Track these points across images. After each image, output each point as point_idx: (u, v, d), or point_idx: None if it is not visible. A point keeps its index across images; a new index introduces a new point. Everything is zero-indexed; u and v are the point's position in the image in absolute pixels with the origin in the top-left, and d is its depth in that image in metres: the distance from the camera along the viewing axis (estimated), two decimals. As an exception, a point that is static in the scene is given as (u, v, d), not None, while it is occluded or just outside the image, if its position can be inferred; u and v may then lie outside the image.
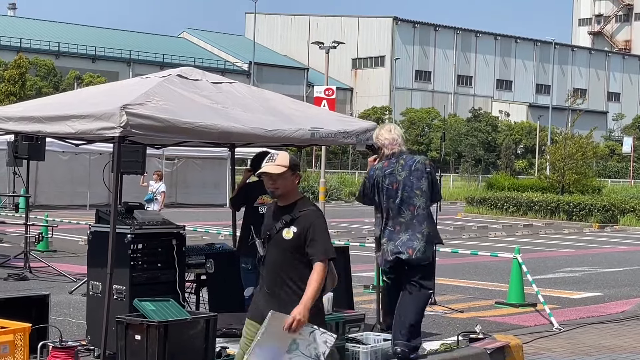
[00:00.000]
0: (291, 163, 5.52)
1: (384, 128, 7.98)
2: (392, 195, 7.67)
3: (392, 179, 7.69)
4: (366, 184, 7.82)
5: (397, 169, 7.73)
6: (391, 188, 7.68)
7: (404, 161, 7.77)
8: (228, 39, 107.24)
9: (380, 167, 7.76)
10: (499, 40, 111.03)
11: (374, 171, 7.79)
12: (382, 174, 7.72)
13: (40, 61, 76.13)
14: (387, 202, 7.70)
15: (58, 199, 33.41)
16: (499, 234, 27.12)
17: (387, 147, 7.76)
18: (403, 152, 7.81)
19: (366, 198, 7.84)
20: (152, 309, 6.74)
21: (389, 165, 7.74)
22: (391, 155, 7.76)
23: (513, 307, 12.12)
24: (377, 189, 7.73)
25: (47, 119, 7.65)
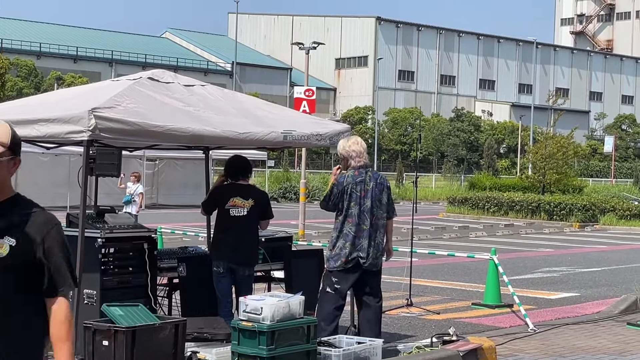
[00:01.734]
0: (12, 141, 3.52)
1: (352, 140, 8.41)
2: (359, 202, 8.20)
3: (362, 187, 8.22)
4: (334, 191, 8.21)
5: (367, 179, 8.27)
6: (360, 195, 8.20)
7: (371, 174, 8.36)
8: (211, 39, 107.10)
9: (352, 175, 8.23)
10: (481, 40, 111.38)
11: (344, 178, 8.22)
12: (354, 182, 8.21)
13: (21, 61, 75.80)
14: (353, 208, 8.19)
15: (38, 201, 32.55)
16: (480, 234, 27.17)
17: (355, 159, 8.26)
18: (368, 165, 8.40)
19: (330, 204, 8.26)
20: (121, 314, 6.70)
21: (359, 174, 8.26)
22: (359, 166, 8.27)
23: (489, 308, 12.13)
24: (346, 195, 8.17)
25: (15, 123, 7.56)
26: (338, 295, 8.32)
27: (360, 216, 8.15)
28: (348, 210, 8.17)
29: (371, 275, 8.35)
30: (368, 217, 8.17)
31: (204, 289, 8.79)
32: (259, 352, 7.11)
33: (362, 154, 8.28)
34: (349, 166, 8.25)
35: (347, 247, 8.21)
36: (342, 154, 8.30)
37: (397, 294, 13.03)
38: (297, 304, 7.51)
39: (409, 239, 12.80)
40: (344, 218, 8.18)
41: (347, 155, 8.25)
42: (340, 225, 8.21)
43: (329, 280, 8.33)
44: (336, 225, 8.26)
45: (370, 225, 8.19)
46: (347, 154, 8.24)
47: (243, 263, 8.75)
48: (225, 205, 8.63)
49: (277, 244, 9.65)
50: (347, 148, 8.27)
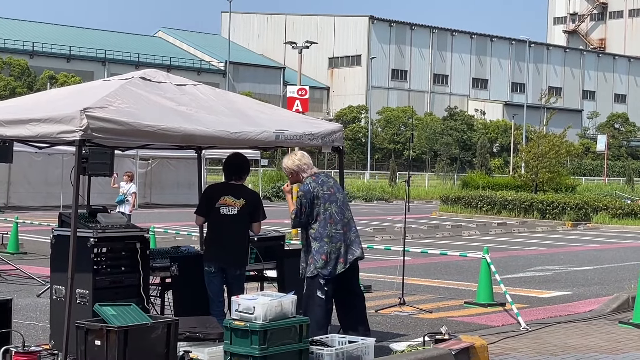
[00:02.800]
0: None
1: (298, 154, 8.68)
2: (333, 199, 8.43)
3: (327, 186, 8.47)
4: (302, 202, 8.37)
5: (324, 179, 8.56)
6: (330, 193, 8.44)
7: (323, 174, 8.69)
8: (204, 38, 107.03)
9: (312, 180, 8.46)
10: (474, 39, 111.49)
11: (307, 186, 8.42)
12: (317, 184, 8.43)
13: (14, 61, 75.64)
14: (330, 207, 8.38)
15: (32, 200, 33.23)
16: (473, 233, 27.21)
17: (307, 170, 8.54)
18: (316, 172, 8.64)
19: (304, 217, 8.39)
20: (113, 313, 6.70)
21: (318, 177, 8.52)
22: (311, 175, 8.54)
23: (482, 307, 12.16)
24: (317, 199, 8.36)
25: (7, 122, 7.58)
26: (327, 298, 8.38)
27: (340, 212, 8.38)
28: (325, 213, 8.33)
29: (357, 266, 8.60)
30: (345, 209, 8.48)
31: (196, 289, 8.79)
32: (252, 351, 7.12)
33: (311, 164, 8.63)
34: (301, 178, 8.51)
35: (341, 248, 8.30)
36: (293, 168, 8.52)
37: (390, 293, 13.05)
38: (289, 303, 7.51)
39: (401, 238, 12.80)
40: (323, 222, 8.30)
41: (299, 169, 8.51)
42: (321, 230, 8.29)
43: (317, 284, 8.36)
44: (313, 234, 8.32)
45: (350, 216, 8.50)
46: (299, 167, 8.50)
47: (233, 263, 8.75)
48: (216, 204, 8.64)
49: (270, 243, 9.66)
50: (296, 162, 8.54)
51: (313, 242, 8.35)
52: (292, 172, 8.53)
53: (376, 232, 25.27)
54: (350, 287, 8.56)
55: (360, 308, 8.60)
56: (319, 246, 8.30)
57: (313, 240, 8.35)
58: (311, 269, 8.37)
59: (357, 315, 8.56)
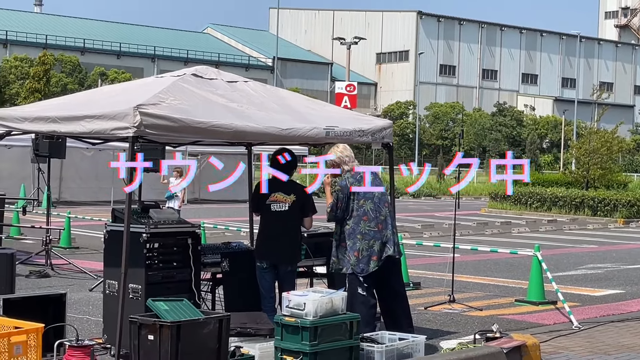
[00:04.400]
0: None
1: (339, 147, 8.64)
2: (369, 196, 8.42)
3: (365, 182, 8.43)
4: (339, 197, 8.38)
5: (362, 175, 8.50)
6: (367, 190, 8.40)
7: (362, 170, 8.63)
8: (252, 35, 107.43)
9: (350, 176, 8.46)
10: (524, 34, 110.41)
11: (345, 181, 8.43)
12: (355, 180, 8.42)
13: (65, 57, 76.63)
14: (365, 204, 8.37)
15: (83, 195, 33.65)
16: (523, 230, 26.95)
17: (348, 163, 8.54)
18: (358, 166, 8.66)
19: (339, 211, 8.40)
20: (166, 308, 6.75)
21: (356, 173, 8.50)
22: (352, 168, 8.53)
23: (533, 305, 12.04)
24: (353, 195, 8.36)
25: (62, 119, 7.69)
26: (369, 294, 8.37)
27: (375, 210, 8.36)
28: (360, 209, 8.32)
29: (397, 263, 8.56)
30: (382, 206, 8.42)
31: (246, 285, 8.83)
32: (302, 347, 7.13)
33: (353, 157, 8.62)
34: (342, 171, 8.50)
35: (375, 246, 8.30)
36: (335, 160, 8.53)
37: (439, 290, 12.98)
38: (339, 300, 7.52)
39: (451, 235, 12.72)
40: (357, 218, 8.31)
41: (341, 161, 8.50)
42: (354, 226, 8.30)
43: (356, 281, 8.36)
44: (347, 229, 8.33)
45: (387, 213, 8.44)
46: (341, 159, 8.50)
47: (285, 259, 8.77)
48: (267, 201, 8.66)
49: (319, 240, 9.66)
50: (338, 154, 8.54)
51: (347, 239, 8.37)
52: (334, 164, 8.54)
53: (424, 229, 25.15)
54: (390, 284, 8.51)
55: (402, 306, 8.56)
56: (352, 243, 8.33)
57: (347, 236, 8.37)
58: (347, 266, 8.39)
59: (399, 313, 8.54)
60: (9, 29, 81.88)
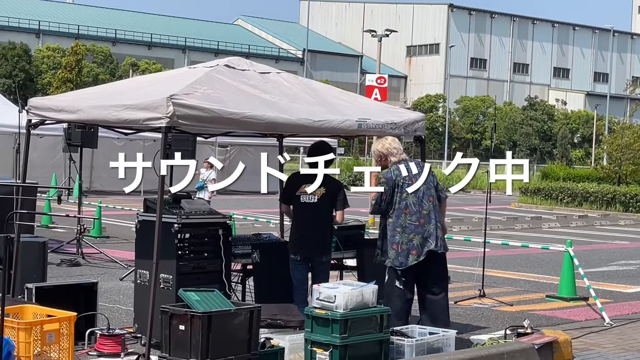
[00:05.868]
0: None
1: (388, 139, 8.54)
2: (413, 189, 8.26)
3: (410, 175, 8.31)
4: (385, 189, 8.27)
5: (411, 167, 8.39)
6: (411, 183, 8.27)
7: (411, 161, 8.51)
8: (282, 26, 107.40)
9: (395, 168, 8.36)
10: (556, 28, 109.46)
11: (391, 173, 8.33)
12: (399, 173, 8.32)
13: (97, 48, 77.05)
14: (408, 197, 8.26)
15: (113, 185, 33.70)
16: (553, 225, 26.77)
17: (396, 155, 8.44)
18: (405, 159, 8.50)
19: (384, 204, 8.31)
20: (197, 299, 6.77)
21: (403, 164, 8.38)
22: (399, 160, 8.43)
23: (564, 300, 11.95)
24: (398, 188, 8.26)
25: (94, 108, 7.72)
26: (407, 289, 8.31)
27: (418, 203, 8.25)
28: (402, 202, 8.23)
29: (440, 258, 8.40)
30: (426, 201, 8.29)
31: (277, 276, 8.83)
32: (332, 339, 7.12)
33: (401, 149, 8.50)
34: (389, 163, 8.40)
35: (414, 240, 8.23)
36: (382, 152, 8.43)
37: (470, 285, 12.90)
38: (370, 293, 7.49)
39: (481, 229, 12.65)
40: (398, 211, 8.22)
41: (388, 153, 8.40)
42: (395, 220, 8.23)
43: (395, 274, 8.31)
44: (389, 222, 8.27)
45: (432, 207, 8.30)
46: (388, 151, 8.40)
47: (319, 251, 8.76)
48: (297, 192, 8.66)
49: (349, 232, 9.65)
50: (386, 146, 8.43)
51: (388, 231, 8.31)
52: (381, 156, 8.45)
53: (454, 223, 25.00)
54: (431, 279, 8.44)
55: (440, 301, 8.48)
56: (391, 235, 8.28)
57: (389, 228, 8.31)
58: (386, 259, 8.35)
59: (437, 308, 8.46)
60: (41, 19, 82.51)
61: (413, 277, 8.35)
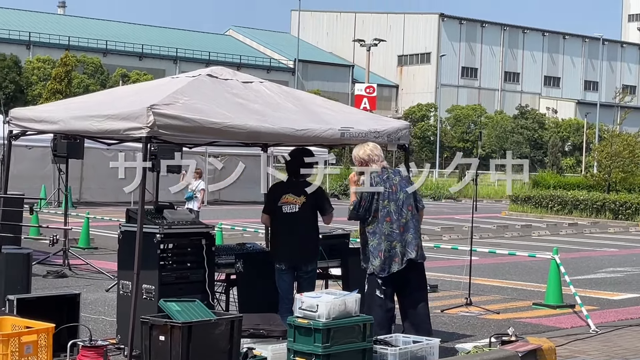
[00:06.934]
0: None
1: (369, 145, 8.46)
2: (393, 197, 8.26)
3: (390, 183, 8.29)
4: (364, 196, 8.23)
5: (391, 175, 8.36)
6: (391, 191, 8.26)
7: (392, 170, 8.50)
8: (274, 37, 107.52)
9: (377, 175, 8.30)
10: (546, 37, 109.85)
11: (372, 179, 8.26)
12: (381, 180, 8.28)
13: (87, 59, 76.97)
14: (388, 205, 8.23)
15: (103, 196, 33.73)
16: (543, 233, 26.78)
17: (377, 162, 8.37)
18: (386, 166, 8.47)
19: (362, 210, 8.25)
20: (177, 309, 6.74)
21: (383, 172, 8.35)
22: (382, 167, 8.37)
23: (550, 308, 11.95)
24: (377, 195, 8.22)
25: (76, 118, 7.70)
26: (387, 298, 8.27)
27: (397, 212, 8.20)
28: (383, 210, 8.17)
29: (419, 267, 8.36)
30: (405, 209, 8.25)
31: (261, 286, 8.80)
32: (315, 349, 7.09)
33: (382, 156, 8.45)
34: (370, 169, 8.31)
35: (396, 248, 8.17)
36: (364, 157, 8.33)
37: (457, 293, 12.90)
38: (353, 302, 7.47)
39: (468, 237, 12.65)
40: (381, 219, 8.16)
41: (369, 159, 8.32)
42: (379, 227, 8.17)
43: (375, 283, 8.26)
44: (370, 229, 8.21)
45: (410, 216, 8.26)
46: (369, 157, 8.32)
47: (305, 259, 8.73)
48: (278, 203, 8.63)
49: (334, 241, 9.63)
50: (367, 152, 8.35)
51: (370, 239, 8.24)
52: (362, 162, 8.38)
53: (444, 232, 25.04)
54: (411, 289, 8.40)
55: (421, 310, 8.44)
56: (377, 243, 8.19)
57: (370, 236, 8.24)
58: (369, 267, 8.29)
59: (418, 317, 8.41)
60: (32, 30, 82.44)
61: (393, 286, 8.31)
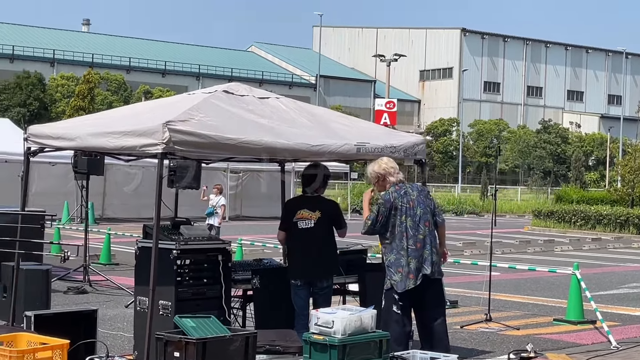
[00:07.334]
0: None
1: (384, 160, 8.40)
2: (410, 213, 8.18)
3: (408, 198, 8.22)
4: (381, 210, 8.17)
5: (408, 190, 8.28)
6: (409, 206, 8.19)
7: (410, 184, 8.42)
8: (296, 53, 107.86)
9: (394, 190, 8.25)
10: (569, 51, 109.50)
11: (389, 195, 8.20)
12: (399, 195, 8.21)
13: (111, 76, 77.57)
14: (405, 221, 8.16)
15: (125, 212, 33.91)
16: (566, 248, 26.59)
17: (394, 175, 8.29)
18: (403, 180, 8.39)
19: (378, 225, 8.19)
20: (192, 325, 6.73)
21: (401, 187, 8.28)
22: (398, 181, 8.31)
23: (571, 324, 11.83)
24: (394, 210, 8.16)
25: (91, 135, 7.73)
26: (404, 314, 8.20)
27: (414, 227, 8.12)
28: (401, 225, 8.11)
29: (436, 285, 8.29)
30: (422, 225, 8.17)
31: (277, 301, 8.79)
32: (330, 365, 7.05)
33: (398, 169, 8.36)
34: (387, 183, 8.26)
35: (412, 263, 8.10)
36: (380, 172, 8.26)
37: (477, 309, 12.81)
38: (369, 318, 7.43)
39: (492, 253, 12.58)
40: (399, 234, 8.11)
41: (386, 173, 8.25)
42: (397, 242, 8.12)
43: (392, 299, 8.20)
44: (389, 245, 8.16)
45: (427, 232, 8.18)
46: (385, 171, 8.25)
47: (320, 275, 8.71)
48: (294, 218, 8.61)
49: (352, 257, 9.60)
50: (383, 166, 8.29)
51: (388, 254, 8.19)
52: (379, 177, 8.30)
53: (465, 247, 24.91)
54: (428, 305, 8.32)
55: (439, 327, 8.36)
56: (395, 259, 8.14)
57: (388, 251, 8.19)
58: (386, 282, 8.24)
59: (435, 333, 8.34)
60: (56, 48, 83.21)
61: (410, 302, 8.25)
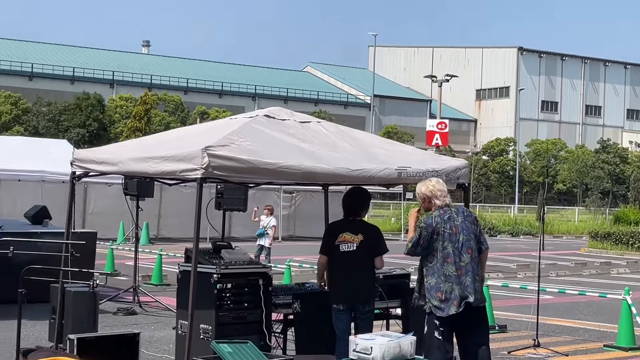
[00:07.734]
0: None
1: (434, 180, 8.22)
2: (453, 239, 7.96)
3: (451, 224, 7.98)
4: (423, 234, 7.99)
5: (453, 215, 8.03)
6: (452, 232, 7.96)
7: (456, 209, 8.15)
8: (351, 72, 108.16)
9: (438, 214, 8.02)
10: (629, 69, 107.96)
11: (432, 219, 8.00)
12: (442, 220, 7.98)
13: (168, 97, 78.62)
14: (448, 246, 7.95)
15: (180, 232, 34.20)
16: (622, 271, 26.07)
17: (440, 198, 8.07)
18: (451, 203, 8.16)
19: (419, 248, 8.01)
20: (229, 351, 6.76)
21: (445, 212, 8.04)
22: (444, 204, 8.09)
23: (622, 350, 11.59)
24: (436, 235, 7.94)
25: (133, 160, 7.83)
26: (446, 340, 8.09)
27: (457, 254, 7.95)
28: (443, 251, 7.94)
29: (479, 312, 8.12)
30: (464, 252, 7.99)
31: (318, 326, 8.74)
32: (368, 392, 6.99)
33: (446, 192, 8.15)
34: (433, 206, 8.09)
35: (455, 290, 7.96)
36: (426, 194, 8.09)
37: (526, 334, 12.62)
38: (408, 344, 7.35)
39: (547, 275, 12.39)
40: (442, 259, 7.93)
41: (432, 195, 8.07)
42: (439, 267, 7.95)
43: (434, 325, 8.08)
44: (431, 268, 8.00)
45: (469, 260, 7.99)
46: (432, 193, 8.06)
47: (362, 299, 8.66)
48: (336, 241, 8.58)
49: (394, 281, 9.53)
50: (430, 188, 8.10)
51: (429, 277, 8.04)
52: (425, 198, 8.16)
53: (519, 269, 24.57)
54: (471, 333, 8.20)
55: (482, 353, 8.21)
56: (435, 282, 7.99)
57: (429, 275, 8.04)
58: (427, 305, 8.12)
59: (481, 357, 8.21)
60: (116, 69, 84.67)
61: (452, 328, 8.13)
